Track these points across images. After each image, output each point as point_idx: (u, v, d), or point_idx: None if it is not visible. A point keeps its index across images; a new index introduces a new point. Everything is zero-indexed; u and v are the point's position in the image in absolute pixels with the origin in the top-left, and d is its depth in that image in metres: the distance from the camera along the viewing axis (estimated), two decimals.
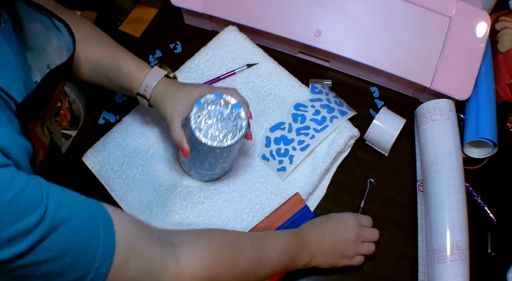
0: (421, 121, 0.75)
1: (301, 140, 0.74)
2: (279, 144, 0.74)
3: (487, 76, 0.79)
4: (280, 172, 0.73)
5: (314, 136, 0.74)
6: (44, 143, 0.52)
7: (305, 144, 0.73)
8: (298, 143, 0.74)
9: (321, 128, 0.74)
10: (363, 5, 0.79)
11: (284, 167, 0.73)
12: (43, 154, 0.51)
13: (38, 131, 0.49)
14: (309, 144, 0.73)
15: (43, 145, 0.51)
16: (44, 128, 0.52)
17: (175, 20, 0.92)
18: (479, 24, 0.77)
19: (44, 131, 0.52)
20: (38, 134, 0.49)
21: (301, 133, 0.74)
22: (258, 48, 0.83)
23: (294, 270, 0.64)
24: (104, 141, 0.76)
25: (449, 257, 0.64)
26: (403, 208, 0.74)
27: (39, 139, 0.49)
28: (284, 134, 0.75)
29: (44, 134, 0.52)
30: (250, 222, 0.70)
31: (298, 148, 0.73)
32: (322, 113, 0.75)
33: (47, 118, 0.52)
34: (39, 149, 0.48)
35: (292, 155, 0.73)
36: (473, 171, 0.77)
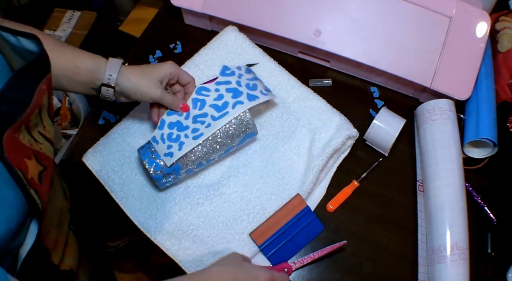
0: (421, 121, 0.75)
1: (196, 128, 0.68)
2: (172, 129, 0.68)
3: (487, 76, 0.79)
4: (167, 157, 0.67)
5: (210, 125, 0.67)
6: (39, 151, 0.49)
7: (198, 133, 0.67)
8: (192, 131, 0.67)
9: (219, 115, 0.68)
10: (363, 5, 0.79)
11: (172, 153, 0.67)
12: (39, 164, 0.48)
13: (23, 139, 0.46)
14: (202, 133, 0.67)
15: (39, 154, 0.48)
16: (35, 134, 0.49)
17: (175, 20, 0.92)
18: (479, 24, 0.77)
19: (35, 138, 0.49)
20: (23, 144, 0.46)
21: (197, 121, 0.68)
22: (258, 48, 0.83)
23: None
24: (104, 141, 0.76)
25: (449, 257, 0.64)
26: (403, 208, 0.74)
27: (25, 149, 0.46)
28: (180, 120, 0.69)
29: (37, 141, 0.49)
30: (250, 223, 0.70)
31: (190, 137, 0.67)
32: (225, 98, 0.69)
33: (32, 124, 0.49)
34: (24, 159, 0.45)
35: (183, 142, 0.67)
36: (473, 171, 0.77)
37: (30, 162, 0.46)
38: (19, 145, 0.45)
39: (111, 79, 0.63)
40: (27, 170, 0.45)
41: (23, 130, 0.46)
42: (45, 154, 0.50)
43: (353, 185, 0.75)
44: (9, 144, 0.43)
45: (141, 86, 0.64)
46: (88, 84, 0.65)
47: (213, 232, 0.70)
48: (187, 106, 0.68)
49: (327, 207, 0.74)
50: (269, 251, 0.69)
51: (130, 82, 0.64)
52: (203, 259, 0.68)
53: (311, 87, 0.82)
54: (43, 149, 0.50)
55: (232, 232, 0.70)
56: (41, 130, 0.51)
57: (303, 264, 0.68)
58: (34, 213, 0.49)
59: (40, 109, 0.50)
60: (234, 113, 0.67)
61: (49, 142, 0.53)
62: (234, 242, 0.69)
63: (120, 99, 0.67)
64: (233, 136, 0.69)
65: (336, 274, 0.70)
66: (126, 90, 0.65)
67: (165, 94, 0.66)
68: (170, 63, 0.67)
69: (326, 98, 0.79)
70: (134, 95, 0.65)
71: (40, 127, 0.51)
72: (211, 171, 0.74)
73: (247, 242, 0.69)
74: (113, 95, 0.65)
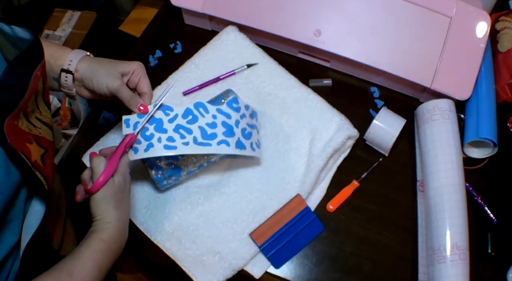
0: (421, 121, 0.75)
1: (172, 138, 0.61)
2: (152, 124, 0.62)
3: (487, 76, 0.79)
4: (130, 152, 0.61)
5: (187, 144, 0.62)
6: (39, 135, 0.51)
7: (172, 144, 0.61)
8: (167, 139, 0.61)
9: (201, 142, 0.63)
10: (363, 5, 0.79)
11: (137, 149, 0.61)
12: (40, 147, 0.50)
13: (22, 125, 0.48)
14: (176, 147, 0.61)
15: (39, 138, 0.50)
16: (32, 119, 0.51)
17: (175, 20, 0.92)
18: (479, 24, 0.77)
19: (33, 123, 0.50)
20: (22, 129, 0.48)
21: (178, 132, 0.62)
22: (258, 48, 0.83)
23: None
24: (104, 141, 0.76)
25: (449, 257, 0.64)
26: (403, 208, 0.74)
27: (26, 134, 0.48)
28: (163, 119, 0.62)
29: (36, 126, 0.51)
30: (250, 223, 0.70)
31: (162, 143, 0.61)
32: (217, 130, 0.64)
33: (29, 110, 0.50)
34: (26, 144, 0.47)
35: (152, 144, 0.61)
36: (473, 171, 0.77)
37: (32, 146, 0.49)
38: (19, 131, 0.47)
39: (71, 65, 0.61)
40: (30, 154, 0.47)
41: (21, 117, 0.48)
42: (44, 138, 0.52)
43: (353, 185, 0.75)
44: (10, 131, 0.45)
45: (100, 74, 0.60)
46: (50, 73, 0.62)
47: (213, 232, 0.70)
48: (146, 107, 0.61)
49: (327, 207, 0.74)
50: (269, 251, 0.69)
51: (89, 68, 0.61)
52: (203, 259, 0.68)
53: (311, 87, 0.82)
54: (42, 133, 0.52)
55: (232, 232, 0.70)
56: (38, 116, 0.53)
57: None
58: (40, 194, 0.51)
59: (36, 95, 0.51)
60: (214, 150, 0.63)
61: (47, 126, 0.54)
62: (234, 242, 0.69)
63: (81, 92, 0.64)
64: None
65: (336, 274, 0.70)
66: (85, 77, 0.61)
67: (124, 87, 0.61)
68: (138, 62, 0.64)
69: (326, 98, 0.79)
70: (92, 84, 0.61)
71: (37, 113, 0.53)
72: (211, 171, 0.74)
73: (247, 242, 0.69)
74: (72, 84, 0.62)
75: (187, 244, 0.69)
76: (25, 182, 0.49)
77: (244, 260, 0.68)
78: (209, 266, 0.68)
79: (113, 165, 0.56)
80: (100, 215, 0.55)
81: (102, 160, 0.56)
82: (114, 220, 0.55)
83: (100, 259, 0.53)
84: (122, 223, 0.56)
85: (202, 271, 0.68)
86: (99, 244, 0.53)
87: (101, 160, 0.56)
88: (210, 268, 0.68)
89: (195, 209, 0.71)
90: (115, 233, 0.55)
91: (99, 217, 0.55)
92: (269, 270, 0.70)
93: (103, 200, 0.54)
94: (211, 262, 0.68)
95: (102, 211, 0.55)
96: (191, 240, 0.70)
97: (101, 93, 0.61)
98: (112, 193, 0.55)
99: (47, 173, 0.50)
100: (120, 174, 0.56)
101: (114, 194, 0.55)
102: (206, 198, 0.72)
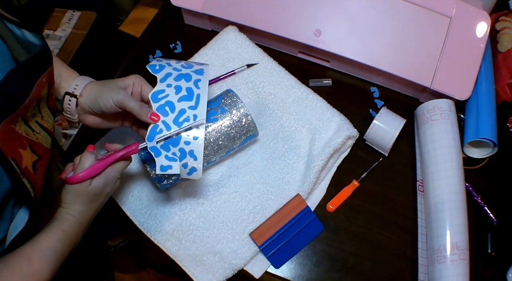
0: (421, 121, 0.75)
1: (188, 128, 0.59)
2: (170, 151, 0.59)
3: (487, 76, 0.79)
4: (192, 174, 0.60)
5: (196, 116, 0.58)
6: (35, 140, 0.51)
7: (194, 130, 0.58)
8: (186, 134, 0.59)
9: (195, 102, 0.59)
10: (363, 5, 0.79)
11: (194, 167, 0.59)
12: (33, 153, 0.50)
13: (19, 129, 0.48)
14: (197, 126, 0.58)
15: (35, 144, 0.50)
16: (32, 124, 0.51)
17: (175, 20, 0.92)
18: (479, 24, 0.77)
19: (32, 127, 0.51)
20: (19, 133, 0.48)
21: (181, 123, 0.59)
22: (258, 48, 0.83)
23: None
24: (104, 141, 0.76)
25: (449, 257, 0.64)
26: (403, 208, 0.74)
27: (21, 139, 0.48)
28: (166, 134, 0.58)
29: (34, 130, 0.51)
30: (250, 223, 0.70)
31: (191, 140, 0.58)
32: (183, 85, 0.60)
33: (30, 114, 0.50)
34: (18, 149, 0.47)
35: (192, 150, 0.58)
36: (473, 171, 0.77)
37: (25, 152, 0.49)
38: (14, 135, 0.47)
39: (76, 89, 0.61)
40: (21, 160, 0.48)
41: (19, 121, 0.48)
42: (40, 144, 0.53)
43: (353, 185, 0.75)
44: (4, 135, 0.45)
45: (103, 91, 0.59)
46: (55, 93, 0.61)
47: (213, 232, 0.70)
48: (157, 115, 0.58)
49: (327, 207, 0.74)
50: (269, 251, 0.69)
51: (93, 91, 0.60)
52: (203, 259, 0.69)
53: (311, 87, 0.82)
54: (39, 139, 0.52)
55: (232, 232, 0.70)
56: (38, 120, 0.53)
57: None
58: (25, 200, 0.52)
59: (38, 100, 0.51)
60: (203, 91, 0.60)
61: (47, 132, 0.55)
62: (234, 242, 0.69)
63: (84, 119, 0.62)
64: (234, 139, 0.69)
65: (336, 274, 0.70)
66: (89, 100, 0.60)
67: (130, 97, 0.59)
68: (135, 75, 0.62)
69: (326, 98, 0.79)
70: (98, 104, 0.59)
71: (38, 117, 0.53)
72: (211, 171, 0.74)
73: (247, 242, 0.69)
74: (75, 109, 0.61)
75: (187, 244, 0.69)
76: (13, 189, 0.50)
77: (244, 260, 0.68)
78: (209, 266, 0.68)
79: (98, 168, 0.56)
80: (66, 204, 0.56)
81: (91, 158, 0.56)
82: (76, 214, 0.56)
83: (59, 248, 0.54)
84: (83, 219, 0.57)
85: (202, 271, 0.68)
86: (59, 234, 0.55)
87: (90, 157, 0.56)
88: (210, 268, 0.68)
89: (195, 209, 0.71)
90: (74, 227, 0.56)
91: (64, 205, 0.56)
92: (269, 270, 0.70)
93: (73, 193, 0.55)
94: (211, 262, 0.68)
95: (69, 202, 0.56)
96: (191, 240, 0.70)
97: (108, 109, 0.59)
98: (83, 192, 0.56)
99: (36, 181, 0.50)
100: (102, 179, 0.57)
101: (85, 193, 0.56)
102: (206, 198, 0.72)
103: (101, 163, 0.56)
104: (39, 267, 0.52)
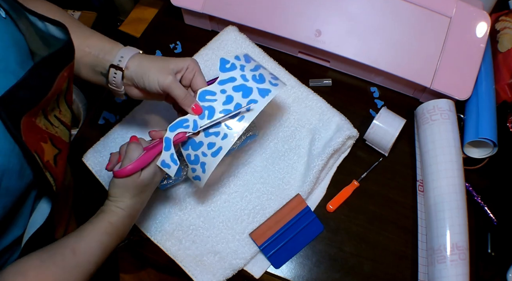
0: (421, 121, 0.75)
1: (212, 143, 0.57)
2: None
3: (487, 76, 0.79)
4: (196, 181, 0.61)
5: (226, 136, 0.57)
6: (55, 134, 0.50)
7: (216, 148, 0.57)
8: (208, 147, 0.57)
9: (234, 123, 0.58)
10: (363, 5, 0.79)
11: (199, 176, 0.60)
12: (54, 147, 0.49)
13: (40, 123, 0.47)
14: (221, 147, 0.57)
15: (55, 137, 0.50)
16: (51, 117, 0.50)
17: (175, 20, 0.92)
18: (479, 24, 0.77)
19: (51, 121, 0.50)
20: (40, 127, 0.47)
21: (210, 134, 0.57)
22: (258, 48, 0.83)
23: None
24: (104, 141, 0.76)
25: (449, 257, 0.64)
26: (403, 208, 0.74)
27: (42, 133, 0.48)
28: (190, 135, 0.58)
29: (53, 124, 0.50)
30: (250, 223, 0.70)
31: (209, 154, 0.57)
32: (236, 99, 0.58)
33: (49, 108, 0.50)
34: (40, 143, 0.47)
35: (204, 162, 0.58)
36: (473, 171, 0.77)
37: (46, 146, 0.48)
38: (36, 128, 0.47)
39: (121, 61, 0.57)
40: (43, 153, 0.47)
41: (40, 114, 0.48)
42: (60, 138, 0.52)
43: (353, 185, 0.75)
44: (27, 128, 0.44)
45: (152, 70, 0.57)
46: (97, 67, 0.59)
47: (213, 232, 0.70)
48: (199, 108, 0.57)
49: (327, 207, 0.74)
50: (269, 251, 0.69)
51: (140, 66, 0.57)
52: (203, 259, 0.69)
53: (311, 87, 0.82)
54: (59, 132, 0.52)
55: (232, 232, 0.70)
56: (57, 114, 0.52)
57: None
58: (48, 194, 0.51)
59: (58, 94, 0.51)
60: (249, 117, 0.57)
61: (65, 126, 0.54)
62: (234, 242, 0.69)
63: (131, 92, 0.60)
64: None
65: (336, 274, 0.70)
66: (135, 75, 0.57)
67: (177, 83, 0.57)
68: (192, 58, 0.60)
69: (326, 98, 0.79)
70: (142, 81, 0.57)
71: (56, 111, 0.52)
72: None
73: (247, 242, 0.69)
74: (121, 82, 0.58)
75: (187, 244, 0.69)
76: (36, 182, 0.49)
77: (244, 260, 0.68)
78: (209, 266, 0.68)
79: (147, 159, 0.53)
80: (115, 197, 0.54)
81: (138, 149, 0.54)
82: (126, 207, 0.54)
83: (106, 241, 0.53)
84: (134, 212, 0.56)
85: (202, 271, 0.68)
86: (107, 226, 0.53)
87: (137, 148, 0.54)
88: (210, 268, 0.68)
89: (195, 209, 0.71)
90: (125, 220, 0.55)
91: (113, 199, 0.54)
92: (269, 270, 0.70)
93: (121, 188, 0.54)
94: (211, 262, 0.68)
95: (118, 195, 0.54)
96: (191, 240, 0.70)
97: (152, 90, 0.57)
98: (133, 185, 0.54)
99: (57, 174, 0.50)
100: (152, 170, 0.55)
101: (135, 186, 0.54)
102: (206, 198, 0.72)
103: (149, 153, 0.53)
104: (83, 259, 0.51)
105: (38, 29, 0.51)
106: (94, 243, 0.52)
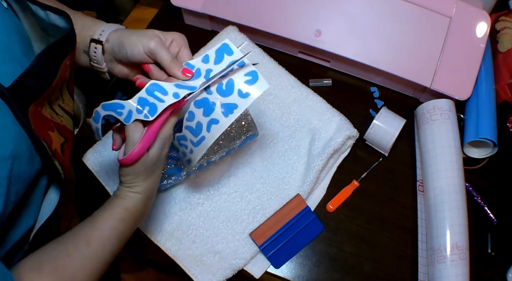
0: (421, 121, 0.75)
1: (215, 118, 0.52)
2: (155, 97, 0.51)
3: (487, 76, 0.79)
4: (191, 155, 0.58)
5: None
6: (60, 123, 0.50)
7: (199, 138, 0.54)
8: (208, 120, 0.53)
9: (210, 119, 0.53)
10: (363, 5, 0.79)
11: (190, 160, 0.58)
12: (60, 135, 0.49)
13: (45, 112, 0.47)
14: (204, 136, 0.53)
15: (61, 126, 0.49)
16: (55, 107, 0.50)
17: (175, 20, 0.92)
18: (479, 24, 0.77)
19: (56, 111, 0.50)
20: (45, 116, 0.47)
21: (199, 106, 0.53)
22: (258, 48, 0.83)
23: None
24: (104, 141, 0.76)
25: (449, 257, 0.64)
26: (403, 208, 0.74)
27: (48, 122, 0.48)
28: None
29: (58, 113, 0.50)
30: (250, 223, 0.70)
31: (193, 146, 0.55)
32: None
33: (54, 97, 0.49)
34: (48, 131, 0.46)
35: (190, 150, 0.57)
36: (473, 171, 0.77)
37: (54, 134, 0.48)
38: (42, 118, 0.47)
39: (102, 35, 0.55)
40: (51, 142, 0.47)
41: (45, 104, 0.48)
42: (65, 126, 0.52)
43: (353, 185, 0.75)
44: (35, 117, 0.45)
45: (133, 35, 0.54)
46: (80, 45, 0.56)
47: (213, 232, 0.70)
48: (191, 72, 0.52)
49: (327, 207, 0.74)
50: (269, 251, 0.69)
51: (121, 35, 0.55)
52: (203, 259, 0.69)
53: (311, 87, 0.82)
54: (63, 121, 0.52)
55: (232, 232, 0.70)
56: (60, 103, 0.52)
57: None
58: (57, 182, 0.51)
59: (62, 83, 0.51)
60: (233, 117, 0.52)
61: (68, 115, 0.54)
62: (234, 242, 0.69)
63: (112, 68, 0.58)
64: (234, 138, 0.69)
65: (336, 274, 0.70)
66: (116, 44, 0.55)
67: (164, 47, 0.53)
68: (178, 33, 0.57)
69: (326, 98, 0.79)
70: (124, 49, 0.54)
71: (60, 101, 0.52)
72: (211, 171, 0.74)
73: (247, 242, 0.69)
74: (101, 57, 0.56)
75: (187, 244, 0.69)
76: (45, 170, 0.49)
77: (244, 260, 0.68)
78: (209, 266, 0.68)
79: (151, 136, 0.48)
80: (128, 183, 0.51)
81: (139, 128, 0.48)
82: (141, 191, 0.51)
83: (121, 228, 0.50)
84: (149, 193, 0.53)
85: (202, 271, 0.68)
86: (122, 212, 0.50)
87: (138, 128, 0.48)
88: (210, 268, 0.68)
89: (195, 209, 0.71)
90: (140, 204, 0.52)
91: (126, 185, 0.51)
92: (269, 270, 0.70)
93: (133, 174, 0.50)
94: (211, 262, 0.68)
95: (131, 181, 0.51)
96: (191, 240, 0.70)
97: (135, 57, 0.53)
98: (143, 167, 0.49)
99: (64, 162, 0.49)
100: (158, 144, 0.50)
101: (145, 168, 0.50)
102: (206, 198, 0.72)
103: (151, 129, 0.48)
104: (98, 248, 0.48)
105: (39, 19, 0.50)
106: (109, 231, 0.49)
